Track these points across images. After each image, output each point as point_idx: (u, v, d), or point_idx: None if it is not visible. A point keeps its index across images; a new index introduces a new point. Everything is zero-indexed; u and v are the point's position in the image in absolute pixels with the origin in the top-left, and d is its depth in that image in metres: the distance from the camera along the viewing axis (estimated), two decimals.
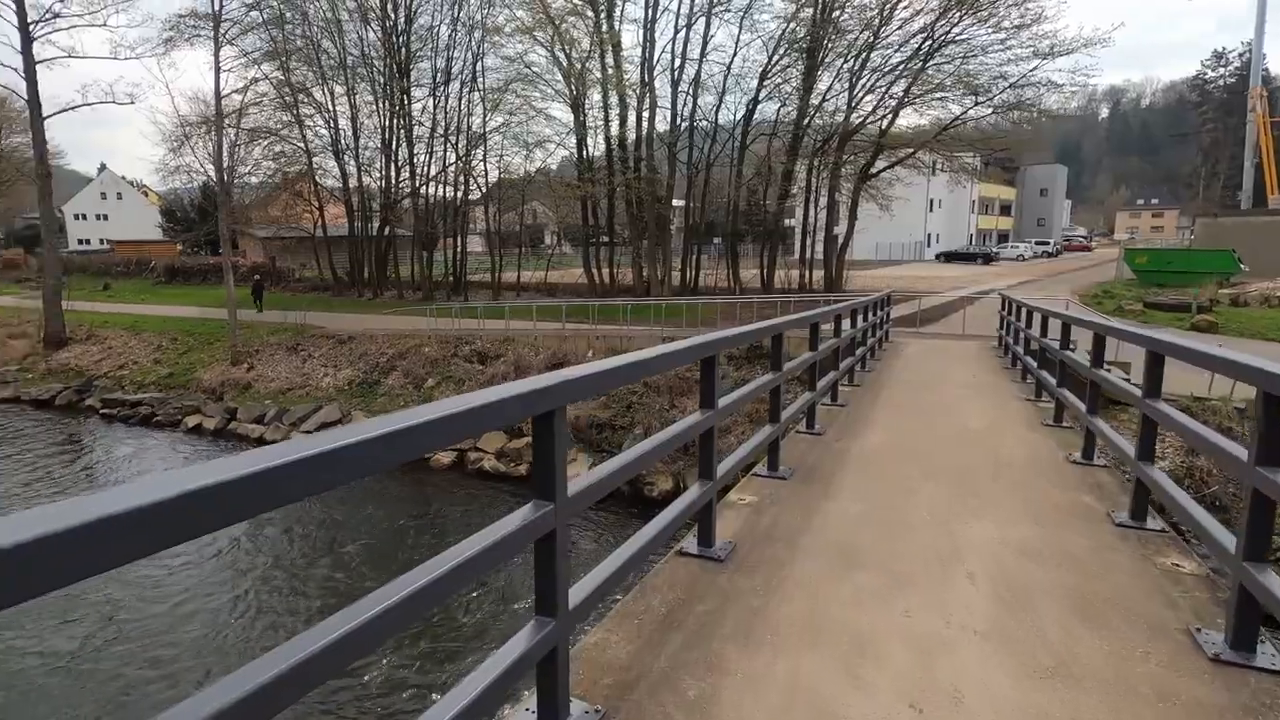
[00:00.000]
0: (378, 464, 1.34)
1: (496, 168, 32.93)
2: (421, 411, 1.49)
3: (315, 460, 1.15)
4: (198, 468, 1.01)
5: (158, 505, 0.89)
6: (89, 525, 0.81)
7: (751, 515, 3.98)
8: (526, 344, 18.76)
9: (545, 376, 1.92)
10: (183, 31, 25.36)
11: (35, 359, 24.67)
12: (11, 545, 0.73)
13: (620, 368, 2.23)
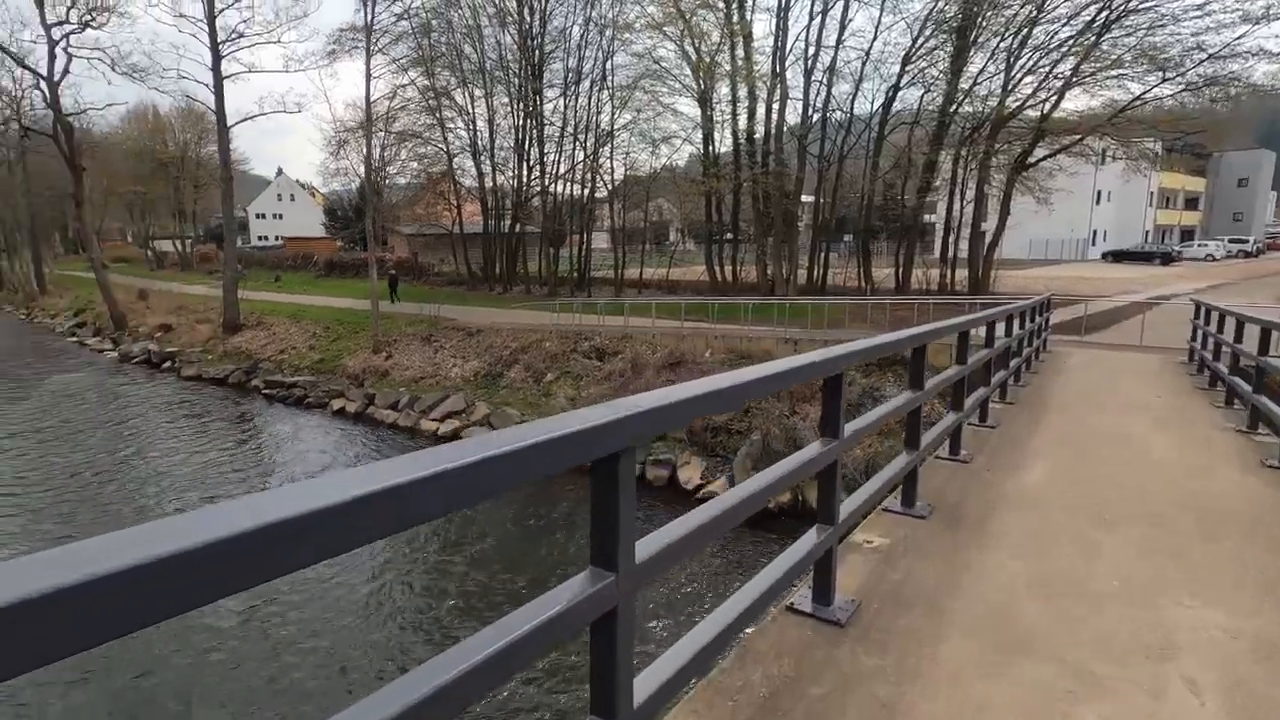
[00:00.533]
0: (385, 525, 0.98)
1: (623, 164, 33.18)
2: (440, 455, 1.09)
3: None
4: (367, 470, 0.98)
5: (345, 504, 0.88)
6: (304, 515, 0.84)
7: (880, 564, 3.31)
8: (644, 342, 18.54)
9: (609, 407, 1.46)
10: (343, 44, 27.54)
11: (215, 341, 27.79)
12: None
13: (707, 395, 1.72)
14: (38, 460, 15.71)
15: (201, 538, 0.75)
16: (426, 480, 1.01)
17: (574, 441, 1.30)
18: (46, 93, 29.67)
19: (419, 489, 0.99)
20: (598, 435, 1.36)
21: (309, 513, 0.84)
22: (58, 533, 11.56)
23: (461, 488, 1.08)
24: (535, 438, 1.21)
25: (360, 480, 0.94)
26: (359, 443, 17.31)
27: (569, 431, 1.29)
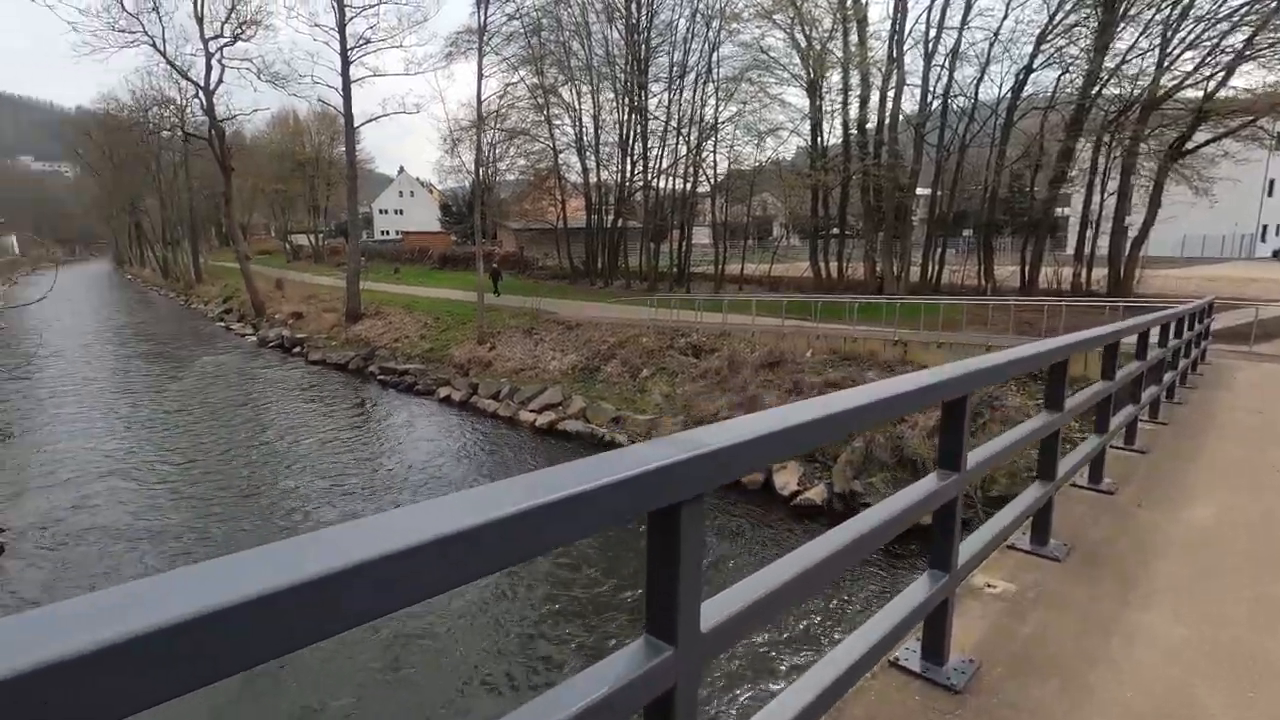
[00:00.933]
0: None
1: (726, 158, 32.61)
2: (483, 500, 0.89)
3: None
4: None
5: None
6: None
7: (1005, 615, 2.83)
8: (743, 339, 18.05)
9: (671, 443, 1.18)
10: (459, 46, 28.71)
11: (338, 329, 29.80)
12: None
13: (793, 430, 1.39)
14: (189, 437, 17.34)
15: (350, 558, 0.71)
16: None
17: (629, 488, 1.04)
18: (204, 101, 32.87)
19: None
20: (654, 481, 1.08)
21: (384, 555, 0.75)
22: (203, 509, 12.55)
23: (468, 556, 0.85)
24: (563, 490, 0.95)
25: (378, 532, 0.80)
26: (466, 432, 17.80)
27: (621, 478, 1.02)
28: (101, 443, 16.46)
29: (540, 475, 1.00)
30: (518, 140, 34.55)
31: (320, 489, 13.47)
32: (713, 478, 1.19)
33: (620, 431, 16.29)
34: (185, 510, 12.40)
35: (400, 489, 13.58)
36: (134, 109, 46.10)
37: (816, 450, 13.60)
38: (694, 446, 1.16)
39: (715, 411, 15.55)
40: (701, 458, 1.15)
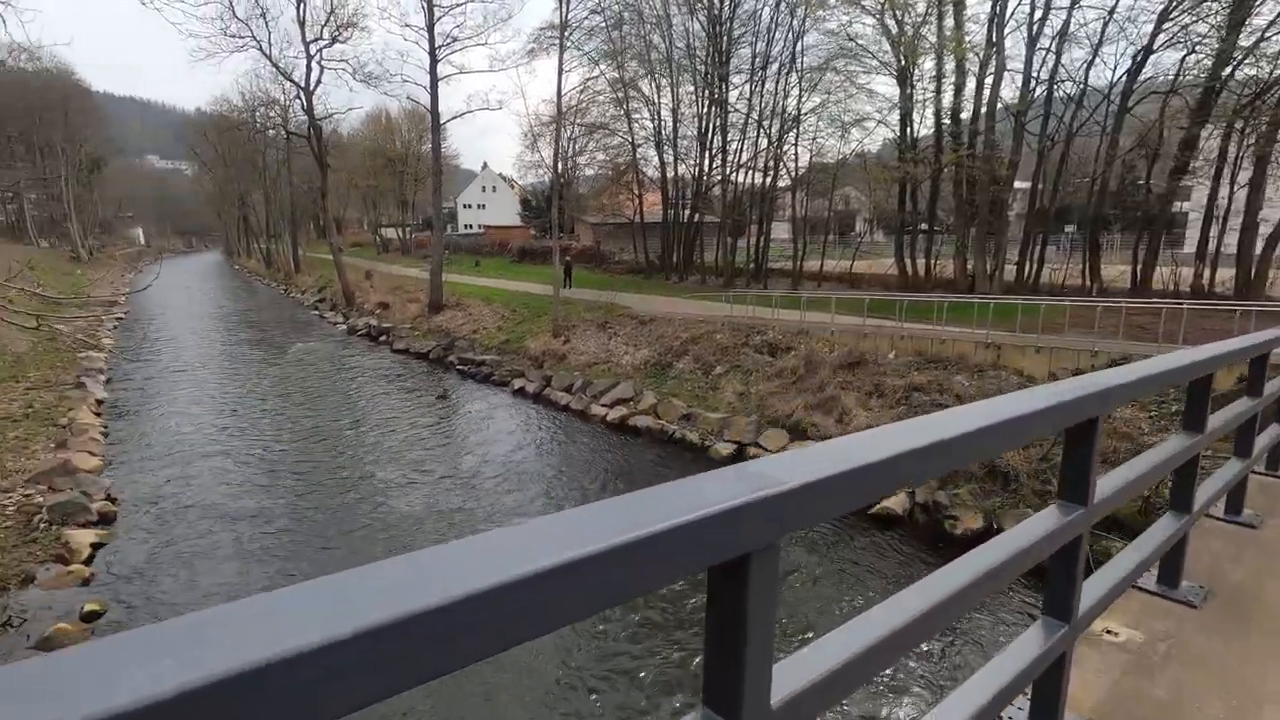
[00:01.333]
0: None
1: (809, 150, 31.67)
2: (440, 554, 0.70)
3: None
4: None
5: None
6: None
7: (1131, 672, 2.43)
8: (821, 339, 17.43)
9: (738, 475, 0.95)
10: (541, 42, 29.06)
11: (421, 319, 30.87)
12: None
13: (897, 460, 1.12)
14: (285, 420, 18.31)
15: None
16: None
17: (674, 543, 0.81)
18: (304, 101, 34.72)
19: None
20: (715, 528, 0.85)
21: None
22: (295, 493, 13.09)
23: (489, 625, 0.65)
24: (584, 547, 0.72)
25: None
26: (539, 425, 17.89)
27: (661, 528, 0.79)
28: (208, 423, 17.60)
29: (550, 524, 0.79)
30: (597, 135, 34.76)
31: (405, 479, 13.70)
32: (792, 522, 0.95)
33: (691, 429, 16.04)
34: (279, 493, 12.92)
35: (481, 483, 13.59)
36: (243, 109, 49.37)
37: None
38: (767, 483, 0.92)
39: (790, 412, 15.06)
40: (779, 498, 0.91)
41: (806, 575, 9.89)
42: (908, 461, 1.15)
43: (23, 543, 10.19)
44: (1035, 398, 1.65)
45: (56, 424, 16.12)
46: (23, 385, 19.22)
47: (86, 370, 22.27)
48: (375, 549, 10.70)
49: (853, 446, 1.14)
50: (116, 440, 16.08)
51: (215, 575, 9.86)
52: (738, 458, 14.67)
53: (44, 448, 14.39)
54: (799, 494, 0.95)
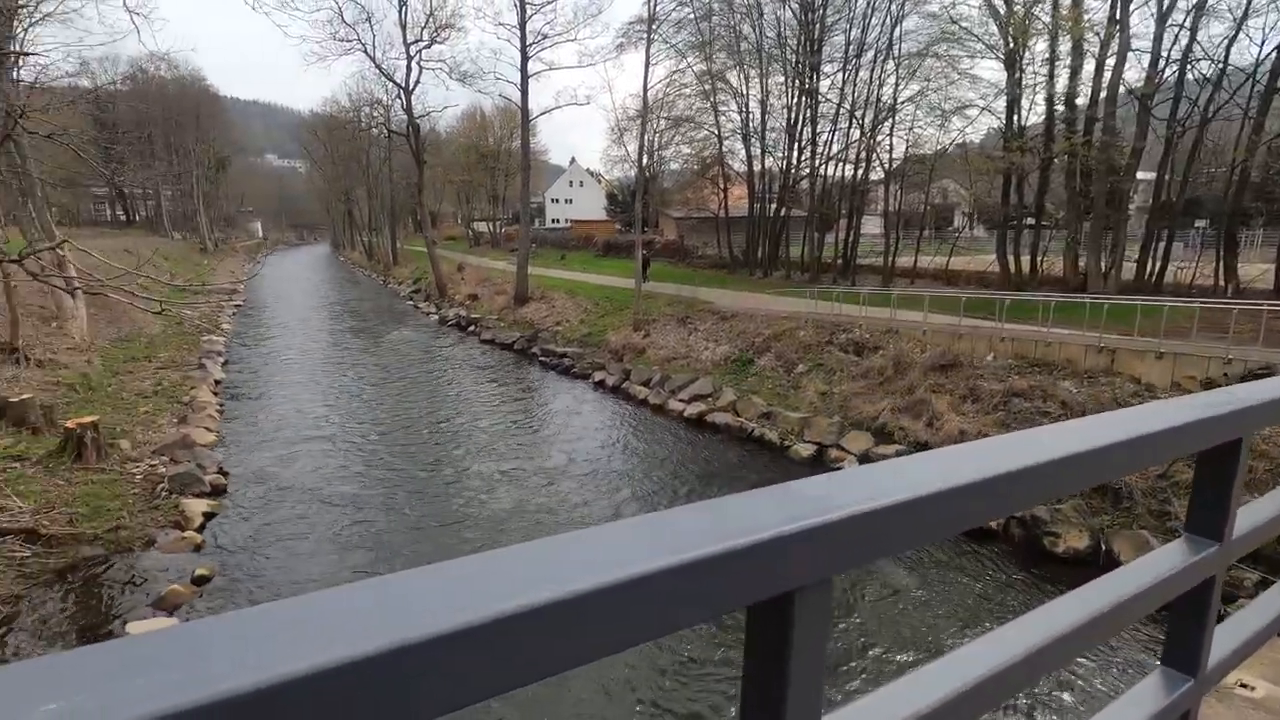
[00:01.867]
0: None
1: (904, 141, 30.25)
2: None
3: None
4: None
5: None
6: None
7: None
8: (912, 338, 16.61)
9: (778, 500, 0.80)
10: (630, 37, 29.12)
11: (507, 311, 31.74)
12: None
13: (990, 483, 0.93)
14: (381, 406, 19.26)
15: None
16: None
17: (704, 576, 0.68)
18: (404, 100, 36.36)
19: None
20: (756, 561, 0.71)
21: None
22: (389, 479, 13.55)
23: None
24: (603, 576, 0.61)
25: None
26: (618, 419, 17.90)
27: (688, 558, 0.66)
28: (311, 407, 18.68)
29: (558, 545, 0.67)
30: (683, 128, 34.53)
31: (490, 473, 13.76)
32: (847, 558, 0.80)
33: (770, 428, 15.68)
34: (373, 482, 13.30)
35: (563, 480, 13.52)
36: (350, 110, 52.27)
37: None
38: (818, 509, 0.77)
39: (875, 414, 14.44)
40: (831, 529, 0.76)
41: (873, 595, 9.34)
42: (1002, 487, 0.96)
43: (147, 508, 11.16)
44: (1164, 413, 1.39)
45: (180, 401, 17.61)
46: (154, 365, 21.14)
47: (207, 352, 24.25)
48: (456, 542, 11.04)
49: (929, 467, 0.97)
50: (230, 418, 17.38)
51: (312, 557, 10.36)
52: (818, 459, 14.22)
53: (168, 422, 15.75)
54: (857, 524, 0.79)
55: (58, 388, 16.46)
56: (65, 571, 9.23)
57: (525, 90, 30.28)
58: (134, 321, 23.60)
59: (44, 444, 12.39)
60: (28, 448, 12.14)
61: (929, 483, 0.90)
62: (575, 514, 12.05)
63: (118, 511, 10.80)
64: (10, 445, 12.04)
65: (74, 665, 0.44)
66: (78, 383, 17.32)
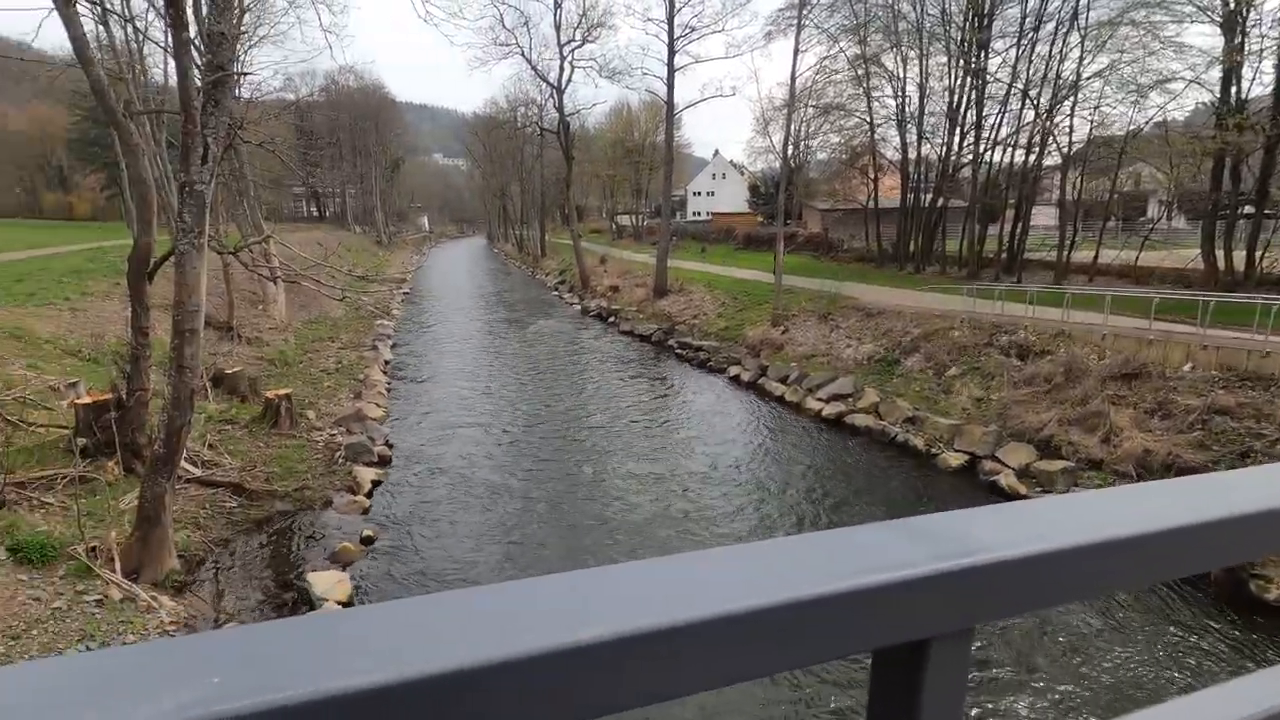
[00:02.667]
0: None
1: (1088, 121, 26.99)
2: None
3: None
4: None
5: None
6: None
7: None
8: (1087, 343, 14.88)
9: (908, 533, 0.73)
10: (779, 24, 28.39)
11: (646, 303, 32.27)
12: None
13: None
14: (528, 394, 20.32)
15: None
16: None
17: (812, 613, 0.63)
18: (556, 99, 37.97)
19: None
20: (877, 605, 0.65)
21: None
22: (533, 468, 14.04)
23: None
24: (713, 607, 0.57)
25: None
26: (756, 417, 17.54)
27: (796, 597, 0.61)
28: (464, 391, 20.11)
29: (672, 568, 0.65)
30: (832, 116, 33.16)
31: (628, 471, 13.62)
32: (994, 607, 0.71)
33: (916, 433, 14.75)
34: (519, 470, 13.75)
35: (701, 479, 13.23)
36: (507, 110, 55.43)
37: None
38: (961, 549, 0.69)
39: (1040, 426, 13.12)
40: (975, 574, 0.68)
41: (1024, 637, 8.44)
42: (1205, 536, 0.81)
43: (327, 472, 12.61)
44: None
45: (355, 378, 19.69)
46: (336, 345, 23.78)
47: (380, 335, 26.90)
48: (594, 543, 11.40)
49: (1105, 506, 0.84)
50: (396, 396, 19.16)
51: (459, 536, 10.96)
52: (969, 471, 13.18)
53: (346, 396, 17.66)
54: (1010, 571, 0.70)
55: (261, 362, 19.00)
56: (262, 522, 10.66)
57: (671, 84, 30.52)
58: (321, 306, 26.66)
59: (249, 411, 14.36)
60: (237, 413, 14.13)
61: (1108, 526, 0.77)
62: (718, 526, 11.58)
63: (304, 473, 12.30)
64: (224, 410, 14.08)
65: (229, 642, 0.47)
66: (276, 358, 19.88)
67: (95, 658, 0.44)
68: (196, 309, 8.25)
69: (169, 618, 7.73)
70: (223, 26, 7.56)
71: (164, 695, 0.40)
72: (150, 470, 8.46)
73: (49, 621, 7.08)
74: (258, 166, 27.09)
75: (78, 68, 10.35)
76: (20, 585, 7.38)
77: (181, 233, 8.00)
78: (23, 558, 7.67)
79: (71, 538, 8.18)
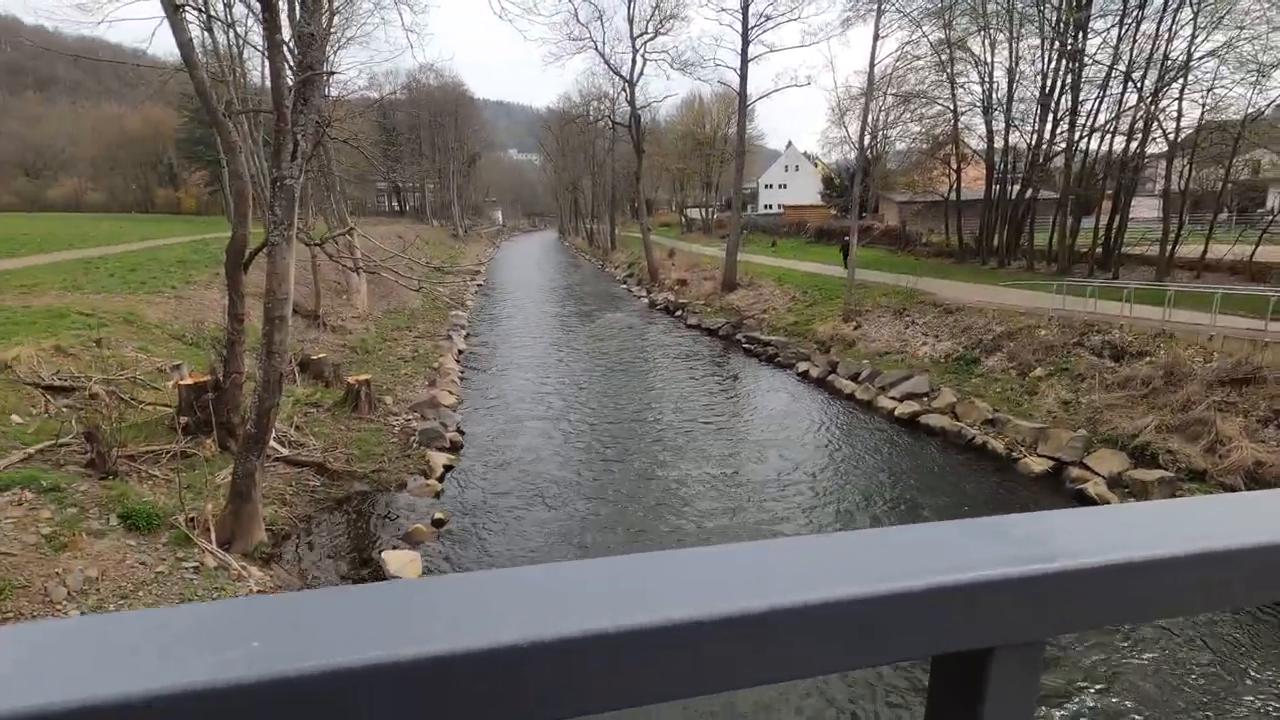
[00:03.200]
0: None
1: (1199, 105, 24.92)
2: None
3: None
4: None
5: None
6: None
7: None
8: (1192, 344, 13.80)
9: (986, 533, 0.68)
10: (859, 9, 27.48)
11: (714, 297, 32.03)
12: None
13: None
14: (595, 387, 20.45)
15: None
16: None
17: (867, 613, 0.59)
18: (628, 92, 38.06)
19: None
20: (938, 606, 0.61)
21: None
22: (599, 463, 14.16)
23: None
24: (765, 598, 0.54)
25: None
26: (827, 415, 17.09)
27: (852, 594, 0.58)
28: (534, 383, 20.38)
29: (704, 556, 0.62)
30: (912, 104, 31.88)
31: (700, 472, 13.18)
32: (1069, 617, 0.65)
33: (996, 436, 14.06)
34: (586, 465, 13.68)
35: (769, 481, 12.90)
36: (580, 105, 56.03)
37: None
38: (1034, 554, 0.64)
39: (1135, 431, 12.26)
40: (1049, 581, 0.62)
41: (1100, 645, 7.94)
42: None
43: (401, 456, 13.13)
44: None
45: (430, 366, 20.40)
46: (413, 334, 24.71)
47: (454, 325, 27.77)
48: (658, 545, 11.41)
49: (1211, 513, 0.76)
50: (468, 385, 19.74)
51: (525, 527, 11.09)
52: (1053, 477, 12.47)
53: (421, 383, 18.33)
54: (1091, 579, 0.64)
55: (344, 349, 19.96)
56: (342, 501, 11.21)
57: (744, 75, 30.06)
58: (400, 296, 27.75)
59: (332, 395, 15.11)
60: (321, 397, 14.90)
61: (1214, 534, 0.69)
62: (775, 514, 11.62)
63: (380, 456, 12.85)
64: (310, 394, 14.87)
65: (266, 608, 0.48)
66: (358, 346, 20.84)
67: (154, 615, 0.45)
68: (285, 297, 8.73)
69: (257, 586, 8.24)
70: (312, 28, 7.94)
71: (206, 653, 0.41)
72: (242, 448, 9.02)
73: (153, 584, 7.68)
74: (344, 163, 28.40)
75: (185, 71, 11.08)
76: (129, 550, 8.03)
77: (273, 225, 8.47)
78: (131, 525, 8.33)
79: (173, 508, 8.83)
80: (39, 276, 19.05)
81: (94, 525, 8.17)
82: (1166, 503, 0.81)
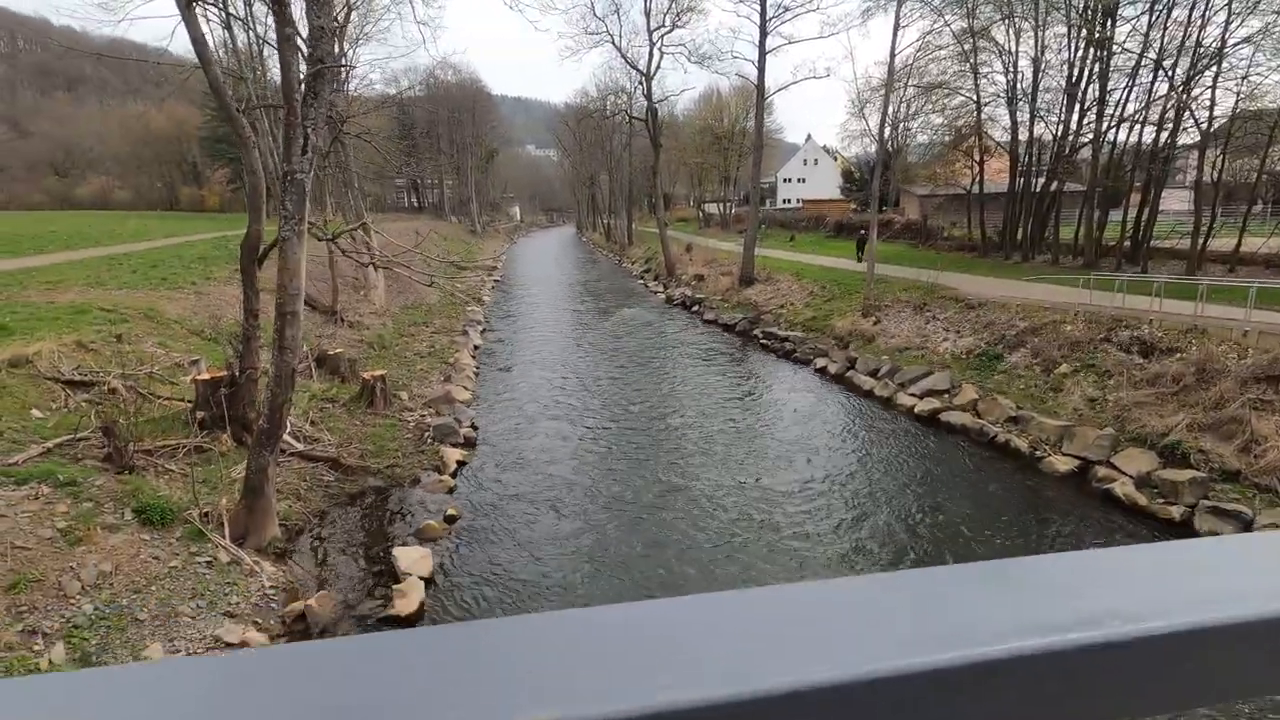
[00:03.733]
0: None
1: (1233, 93, 24.13)
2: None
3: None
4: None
5: None
6: None
7: None
8: (1225, 340, 13.35)
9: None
10: (879, 0, 26.97)
11: (731, 292, 31.74)
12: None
13: None
14: (610, 384, 20.37)
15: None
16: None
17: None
18: (645, 86, 37.80)
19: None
20: (982, 685, 0.47)
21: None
22: (613, 463, 14.12)
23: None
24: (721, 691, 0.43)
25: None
26: (845, 412, 16.86)
27: (872, 672, 0.46)
28: (550, 380, 20.14)
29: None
30: (934, 95, 31.29)
31: (719, 478, 12.72)
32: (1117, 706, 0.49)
33: (1019, 434, 13.72)
34: (601, 466, 13.36)
35: (790, 487, 12.31)
36: (596, 99, 55.86)
37: None
38: (1072, 617, 0.49)
39: (1165, 430, 11.88)
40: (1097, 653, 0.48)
41: None
42: None
43: (416, 451, 13.12)
44: None
45: (446, 361, 20.41)
46: (430, 330, 24.77)
47: (470, 321, 27.80)
48: (675, 560, 11.24)
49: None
50: (483, 381, 19.71)
51: (536, 528, 10.84)
52: (1079, 476, 12.13)
53: (436, 379, 18.34)
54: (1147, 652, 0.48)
55: (360, 344, 20.03)
56: (356, 496, 11.22)
57: (762, 67, 29.71)
58: (417, 292, 27.84)
59: (348, 390, 15.15)
60: (337, 393, 14.94)
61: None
62: (814, 543, 11.18)
63: (394, 451, 12.85)
64: (326, 389, 14.92)
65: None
66: (374, 341, 20.91)
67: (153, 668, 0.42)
68: (297, 293, 8.70)
69: (269, 582, 8.24)
70: (322, 21, 7.88)
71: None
72: (256, 443, 9.03)
73: (166, 579, 7.70)
74: (362, 159, 28.52)
75: (202, 69, 11.11)
76: (143, 544, 8.06)
77: (284, 219, 8.44)
78: (145, 519, 8.37)
79: (187, 503, 8.87)
80: (64, 273, 19.33)
81: (109, 519, 8.21)
82: (1247, 536, 0.65)
